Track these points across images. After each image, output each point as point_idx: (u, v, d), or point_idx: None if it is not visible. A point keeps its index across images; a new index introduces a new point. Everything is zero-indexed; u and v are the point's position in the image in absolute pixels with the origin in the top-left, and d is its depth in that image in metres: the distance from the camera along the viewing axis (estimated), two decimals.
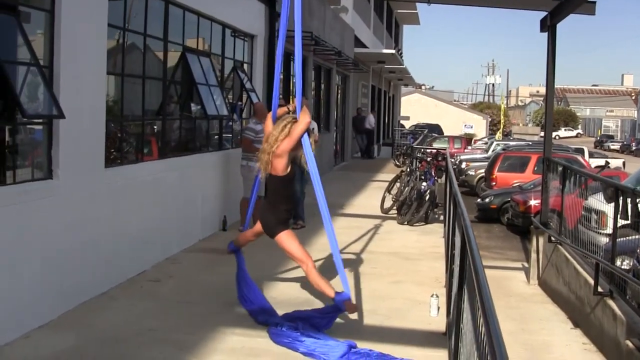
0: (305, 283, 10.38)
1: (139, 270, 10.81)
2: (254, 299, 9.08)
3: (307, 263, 8.44)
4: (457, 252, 6.86)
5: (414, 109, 79.49)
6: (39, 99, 8.12)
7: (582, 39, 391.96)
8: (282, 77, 20.80)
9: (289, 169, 8.52)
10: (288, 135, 8.36)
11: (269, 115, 9.09)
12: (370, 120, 39.85)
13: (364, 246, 13.67)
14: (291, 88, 22.32)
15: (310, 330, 8.12)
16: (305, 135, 8.50)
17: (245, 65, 17.00)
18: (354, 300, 8.85)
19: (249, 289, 9.16)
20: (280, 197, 8.62)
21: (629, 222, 11.02)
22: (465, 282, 5.35)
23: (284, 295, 9.97)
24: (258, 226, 8.96)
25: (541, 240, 14.93)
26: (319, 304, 9.38)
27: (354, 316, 8.91)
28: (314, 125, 14.32)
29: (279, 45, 9.18)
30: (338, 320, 8.61)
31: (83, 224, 9.10)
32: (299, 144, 8.51)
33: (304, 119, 8.46)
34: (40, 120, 8.39)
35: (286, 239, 8.55)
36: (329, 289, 8.38)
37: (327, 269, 10.82)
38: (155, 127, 12.23)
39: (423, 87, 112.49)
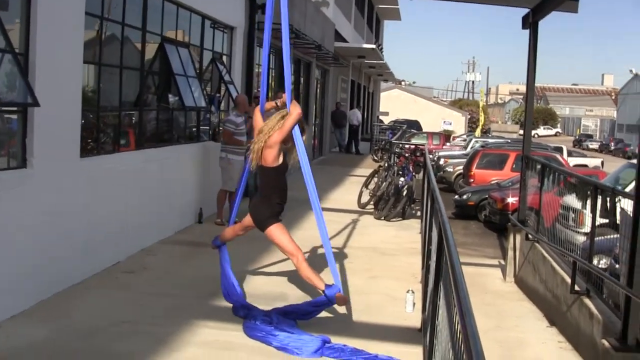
0: (280, 278, 10.36)
1: (114, 261, 10.73)
2: (234, 294, 9.03)
3: (297, 256, 8.42)
4: (434, 247, 6.83)
5: (393, 105, 79.42)
6: (13, 87, 8.01)
7: (563, 38, 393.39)
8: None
9: (280, 161, 8.55)
10: (280, 126, 8.37)
11: (257, 109, 9.07)
12: (358, 116, 39.83)
13: (341, 241, 13.63)
14: (270, 82, 22.23)
15: (285, 324, 8.07)
16: (297, 127, 8.50)
17: (224, 57, 16.91)
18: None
19: (230, 285, 9.12)
20: (271, 189, 8.62)
21: (607, 221, 11.02)
22: (441, 279, 5.31)
23: (259, 290, 9.91)
24: (247, 220, 8.92)
25: (518, 237, 14.93)
26: (293, 298, 9.35)
27: (334, 310, 8.88)
28: None
29: (266, 38, 9.13)
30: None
31: (58, 214, 9.02)
32: (290, 137, 8.51)
33: (295, 110, 8.47)
34: (15, 109, 8.29)
35: (277, 232, 8.53)
36: (319, 282, 8.36)
37: (312, 262, 10.82)
38: (132, 117, 12.13)
39: (403, 82, 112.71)
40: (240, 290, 9.14)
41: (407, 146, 22.01)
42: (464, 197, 23.76)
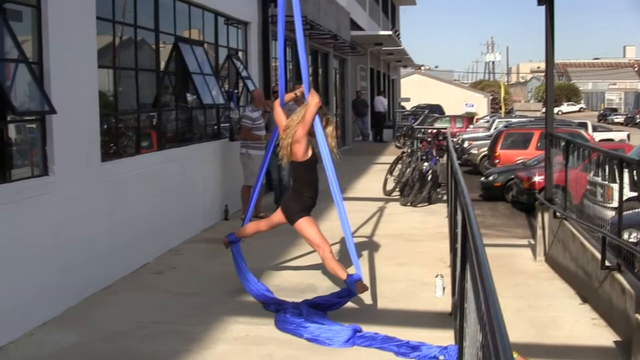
0: (309, 270, 10.35)
1: (142, 263, 10.76)
2: (256, 290, 9.05)
3: (323, 248, 8.43)
4: (459, 230, 6.78)
5: (414, 91, 79.21)
6: (30, 96, 8.03)
7: (581, 12, 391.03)
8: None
9: (309, 154, 8.55)
10: (302, 119, 8.36)
11: (277, 103, 9.08)
12: (384, 103, 39.75)
13: (368, 229, 13.60)
14: (287, 74, 22.20)
15: (315, 315, 8.06)
16: (317, 117, 8.47)
17: (240, 53, 16.89)
18: (366, 282, 8.77)
19: (247, 282, 9.14)
20: (303, 184, 8.67)
21: (635, 194, 10.92)
22: (467, 261, 5.26)
23: (288, 283, 9.92)
24: (276, 217, 8.92)
25: (546, 216, 14.82)
26: (322, 289, 9.33)
27: (366, 298, 8.86)
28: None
29: (280, 31, 9.13)
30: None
31: (82, 219, 9.04)
32: (312, 129, 8.51)
33: (313, 100, 8.44)
34: (33, 117, 8.31)
35: (305, 225, 8.56)
36: (343, 272, 8.35)
37: (337, 252, 10.81)
38: (151, 119, 12.15)
39: (423, 67, 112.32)
40: (260, 284, 9.15)
41: (429, 131, 21.91)
42: (490, 178, 23.63)
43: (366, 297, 8.91)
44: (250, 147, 13.82)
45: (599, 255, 11.02)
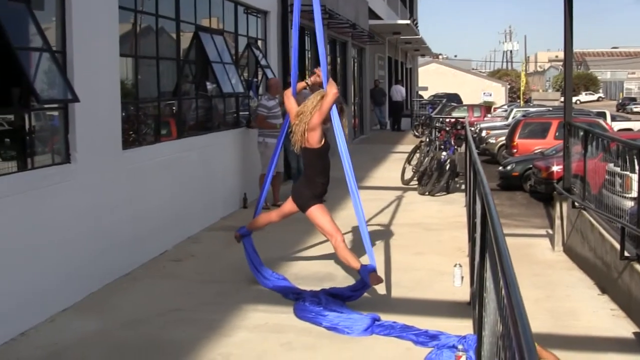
0: (326, 259, 10.38)
1: (161, 251, 10.82)
2: (273, 284, 9.10)
3: (335, 237, 8.45)
4: (478, 220, 6.80)
5: (432, 79, 79.09)
6: (53, 84, 8.09)
7: (600, 0, 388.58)
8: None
9: (322, 142, 8.55)
10: (319, 107, 8.38)
11: (289, 92, 9.10)
12: (402, 92, 39.71)
13: (386, 218, 13.62)
14: (306, 63, 22.21)
15: (334, 304, 8.11)
16: (334, 107, 8.51)
17: (259, 42, 16.92)
18: (380, 273, 8.79)
19: (263, 278, 9.19)
20: (316, 170, 8.65)
21: None
22: (486, 250, 5.29)
23: (306, 271, 9.96)
24: (287, 206, 8.96)
25: (565, 206, 14.81)
26: (340, 278, 9.39)
27: (384, 287, 8.91)
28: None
29: (295, 19, 9.17)
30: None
31: (103, 207, 9.12)
32: (329, 117, 8.52)
33: (331, 90, 8.46)
34: (56, 105, 8.38)
35: (317, 213, 8.58)
36: (355, 263, 8.38)
37: (350, 242, 10.85)
38: (172, 107, 12.20)
39: (441, 56, 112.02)
40: (274, 276, 9.25)
41: (447, 120, 21.88)
42: (508, 168, 23.58)
43: (385, 286, 8.94)
44: (267, 135, 13.87)
45: (617, 246, 11.02)
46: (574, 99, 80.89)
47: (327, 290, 8.67)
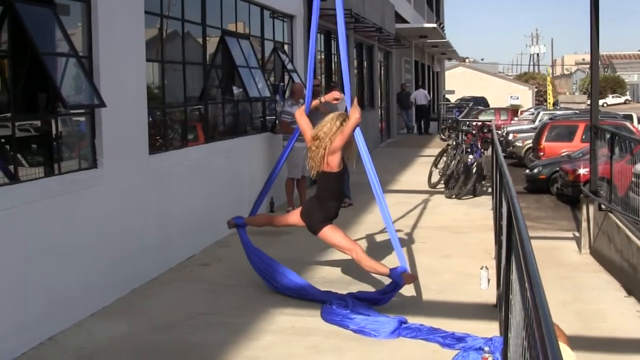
0: (352, 262, 10.39)
1: (189, 255, 10.87)
2: (292, 279, 9.08)
3: (355, 250, 8.47)
4: (504, 222, 6.80)
5: (458, 83, 78.84)
6: (80, 90, 8.15)
7: (627, 2, 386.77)
8: (322, 56, 20.78)
9: (341, 165, 8.53)
10: (340, 131, 8.33)
11: (300, 112, 9.04)
12: (426, 95, 39.73)
13: (413, 221, 13.63)
14: (333, 67, 22.26)
15: (360, 307, 8.12)
16: (358, 129, 8.51)
17: (285, 46, 16.97)
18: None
19: (275, 271, 9.18)
20: (331, 194, 8.61)
21: None
22: (512, 253, 5.30)
23: (334, 275, 10.00)
24: (293, 217, 8.96)
25: (591, 208, 14.75)
26: (368, 282, 9.41)
27: (411, 290, 8.90)
28: (341, 108, 14.39)
29: (312, 33, 9.20)
30: None
31: (130, 211, 9.17)
32: (351, 139, 8.50)
33: (354, 114, 8.42)
34: (83, 111, 8.44)
35: (330, 233, 8.56)
36: (383, 268, 8.41)
37: (379, 245, 10.87)
38: (198, 112, 12.26)
39: (467, 60, 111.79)
40: (289, 271, 9.22)
41: (474, 123, 21.85)
42: (535, 171, 23.48)
43: (411, 289, 8.95)
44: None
45: None
46: (601, 101, 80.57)
47: (354, 294, 8.69)
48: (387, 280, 8.69)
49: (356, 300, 8.33)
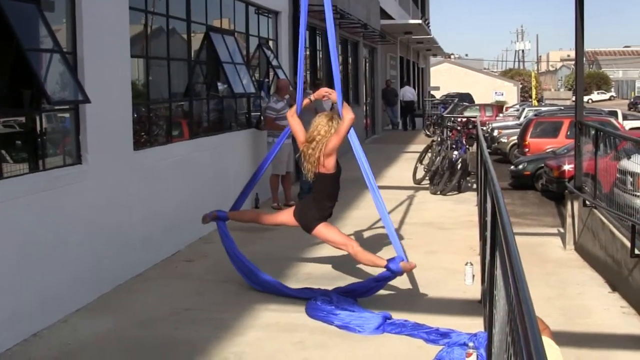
0: (338, 258, 10.40)
1: (173, 251, 10.87)
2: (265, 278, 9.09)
3: (350, 245, 8.49)
4: (488, 218, 6.83)
5: (444, 79, 79.06)
6: (64, 85, 8.13)
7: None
8: (308, 52, 20.76)
9: (337, 166, 8.54)
10: (335, 133, 8.33)
11: (292, 112, 9.01)
12: (413, 92, 39.80)
13: (398, 217, 13.64)
14: (318, 63, 22.25)
15: (345, 303, 8.13)
16: (352, 129, 8.51)
17: (270, 42, 16.96)
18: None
19: (245, 267, 9.18)
20: (327, 195, 8.61)
21: None
22: (497, 248, 5.31)
23: (319, 271, 10.02)
24: (284, 217, 8.96)
25: (576, 204, 14.80)
26: (352, 278, 9.42)
27: (396, 286, 8.93)
28: (327, 105, 14.36)
29: (301, 33, 9.19)
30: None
31: (115, 207, 9.15)
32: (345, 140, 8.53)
33: (348, 115, 8.41)
34: (67, 107, 8.42)
35: (324, 230, 8.55)
36: (380, 260, 8.43)
37: (368, 240, 10.89)
38: (183, 108, 12.24)
39: (452, 56, 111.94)
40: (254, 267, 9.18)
41: (459, 119, 21.89)
42: (520, 167, 23.54)
43: (397, 284, 8.96)
44: (277, 136, 13.87)
45: (628, 244, 11.02)
46: (586, 98, 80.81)
47: (343, 287, 8.71)
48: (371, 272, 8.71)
49: (341, 296, 8.34)
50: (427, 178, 18.04)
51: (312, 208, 8.60)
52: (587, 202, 14.06)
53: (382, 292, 8.74)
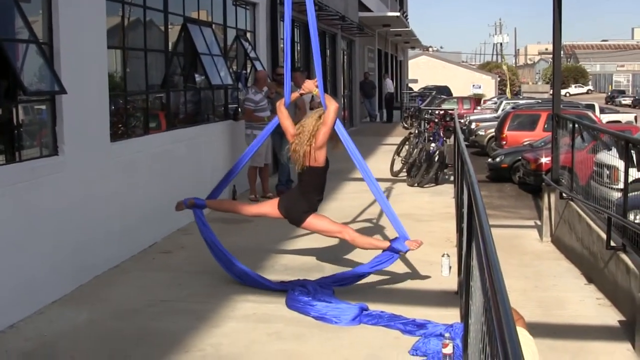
0: (314, 249, 10.42)
1: (150, 242, 10.84)
2: (234, 266, 9.07)
3: (346, 231, 8.54)
4: (465, 209, 6.85)
5: (422, 72, 79.19)
6: (40, 76, 8.11)
7: None
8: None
9: (326, 159, 8.53)
10: (322, 124, 8.33)
11: (280, 104, 9.00)
12: (391, 84, 39.91)
13: (376, 209, 13.61)
14: (296, 55, 22.23)
15: (322, 294, 8.14)
16: (338, 120, 8.54)
17: (248, 34, 16.93)
18: None
19: (225, 259, 9.11)
20: (315, 188, 8.59)
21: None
22: (473, 239, 5.33)
23: (296, 262, 10.03)
24: (267, 208, 8.92)
25: (553, 197, 14.85)
26: (329, 268, 9.44)
27: (373, 277, 8.96)
28: (307, 96, 14.30)
29: (286, 25, 9.19)
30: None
31: (91, 198, 9.12)
32: (334, 132, 8.52)
33: (331, 105, 8.43)
34: (43, 97, 8.38)
35: (315, 221, 8.55)
36: (381, 242, 8.54)
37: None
38: (160, 99, 12.21)
39: (430, 49, 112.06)
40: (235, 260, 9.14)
41: (436, 112, 21.93)
42: (497, 159, 23.62)
43: (373, 276, 8.98)
44: (255, 128, 13.87)
45: (604, 236, 11.06)
46: (564, 91, 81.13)
47: (336, 275, 8.79)
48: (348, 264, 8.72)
49: (318, 287, 8.35)
50: (404, 170, 18.07)
51: (300, 201, 8.56)
52: (564, 195, 14.12)
53: (359, 283, 8.77)
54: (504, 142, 26.46)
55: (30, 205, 7.88)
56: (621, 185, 11.30)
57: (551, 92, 18.35)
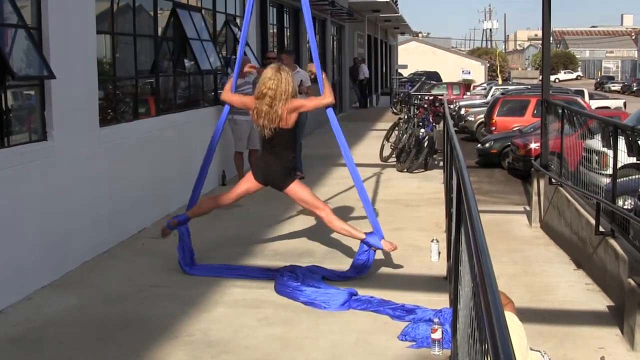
0: (304, 234, 10.42)
1: (140, 228, 10.82)
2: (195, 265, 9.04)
3: (325, 209, 8.49)
4: (454, 195, 6.86)
5: (411, 58, 79.07)
6: (29, 61, 8.07)
7: None
8: (275, 30, 20.72)
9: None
10: (307, 99, 8.30)
11: (226, 89, 9.10)
12: (364, 71, 39.85)
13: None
14: (285, 41, 22.19)
15: (311, 279, 8.15)
16: (331, 109, 8.61)
17: (237, 19, 16.89)
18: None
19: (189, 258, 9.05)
20: (287, 146, 8.44)
21: (630, 161, 10.98)
22: (462, 224, 5.34)
23: (285, 247, 10.02)
24: (244, 186, 8.77)
25: (542, 182, 14.90)
26: (319, 254, 9.44)
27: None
28: (305, 77, 14.22)
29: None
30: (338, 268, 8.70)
31: (81, 184, 9.09)
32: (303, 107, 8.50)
33: (326, 99, 8.51)
34: (32, 82, 8.35)
35: (298, 188, 8.47)
36: (356, 232, 8.45)
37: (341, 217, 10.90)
38: (150, 85, 12.18)
39: (420, 34, 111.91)
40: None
41: (426, 97, 21.93)
42: (487, 145, 23.68)
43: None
44: (235, 112, 13.73)
45: (593, 221, 11.11)
46: (553, 77, 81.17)
47: (334, 272, 8.75)
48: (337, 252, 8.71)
49: (307, 272, 8.35)
50: (394, 155, 18.05)
51: (274, 162, 8.40)
52: (553, 180, 14.17)
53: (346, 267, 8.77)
54: (494, 128, 26.53)
55: (20, 190, 7.85)
56: (609, 171, 11.34)
57: (540, 78, 18.36)
